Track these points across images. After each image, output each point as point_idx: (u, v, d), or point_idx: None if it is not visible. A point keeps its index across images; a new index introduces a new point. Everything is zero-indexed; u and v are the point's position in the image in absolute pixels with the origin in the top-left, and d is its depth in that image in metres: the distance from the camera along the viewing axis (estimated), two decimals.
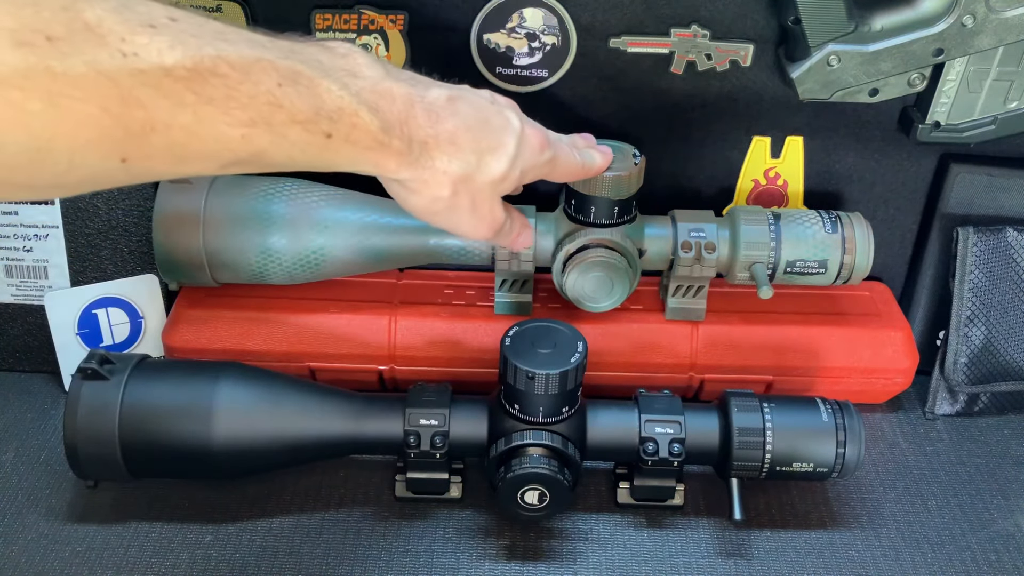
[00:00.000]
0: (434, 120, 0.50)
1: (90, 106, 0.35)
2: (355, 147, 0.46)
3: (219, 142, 0.40)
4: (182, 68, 0.37)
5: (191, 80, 0.38)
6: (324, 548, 0.66)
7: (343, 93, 0.45)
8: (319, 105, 0.43)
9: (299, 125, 0.43)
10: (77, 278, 0.76)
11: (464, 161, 0.51)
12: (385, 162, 0.48)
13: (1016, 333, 0.77)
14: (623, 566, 0.65)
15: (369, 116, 0.46)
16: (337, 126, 0.44)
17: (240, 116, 0.40)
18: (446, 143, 0.51)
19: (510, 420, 0.64)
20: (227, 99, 0.39)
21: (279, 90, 0.41)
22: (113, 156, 0.37)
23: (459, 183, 0.52)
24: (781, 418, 0.66)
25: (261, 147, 0.42)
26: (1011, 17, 0.67)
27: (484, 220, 0.56)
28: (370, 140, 0.46)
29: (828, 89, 0.71)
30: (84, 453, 0.63)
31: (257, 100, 0.40)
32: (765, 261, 0.72)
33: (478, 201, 0.54)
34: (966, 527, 0.70)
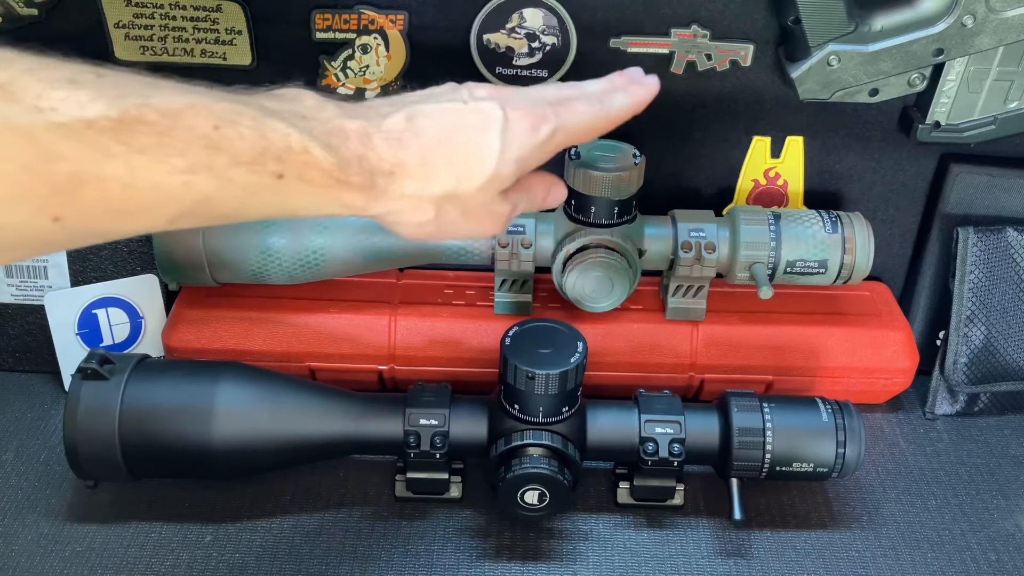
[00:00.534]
0: (395, 147, 0.47)
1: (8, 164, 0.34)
2: (312, 186, 0.44)
3: (159, 191, 0.38)
4: (106, 119, 0.36)
5: (117, 131, 0.36)
6: (324, 548, 0.66)
7: (291, 131, 0.42)
8: (265, 145, 0.41)
9: (243, 167, 0.40)
10: (77, 278, 0.76)
11: (439, 180, 0.48)
12: (349, 200, 0.46)
13: (1016, 333, 0.77)
14: (623, 566, 0.65)
15: (322, 153, 0.43)
16: (287, 166, 0.42)
17: (177, 163, 0.38)
18: (415, 167, 0.48)
19: (510, 420, 0.64)
20: (160, 147, 0.37)
21: (216, 133, 0.39)
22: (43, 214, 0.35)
23: (442, 202, 0.49)
24: (781, 418, 0.66)
25: (206, 193, 0.40)
26: (1011, 17, 0.67)
27: (485, 223, 0.52)
28: (326, 178, 0.44)
29: (828, 89, 0.71)
30: (84, 453, 0.63)
31: (193, 145, 0.38)
32: (765, 261, 0.72)
33: (469, 209, 0.51)
34: (966, 527, 0.70)
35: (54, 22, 0.70)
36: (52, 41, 0.71)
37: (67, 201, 0.36)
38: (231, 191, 0.40)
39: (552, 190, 0.58)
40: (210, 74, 0.73)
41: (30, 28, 0.70)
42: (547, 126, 0.51)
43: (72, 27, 0.70)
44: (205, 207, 0.40)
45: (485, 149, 0.50)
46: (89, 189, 0.36)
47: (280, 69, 0.73)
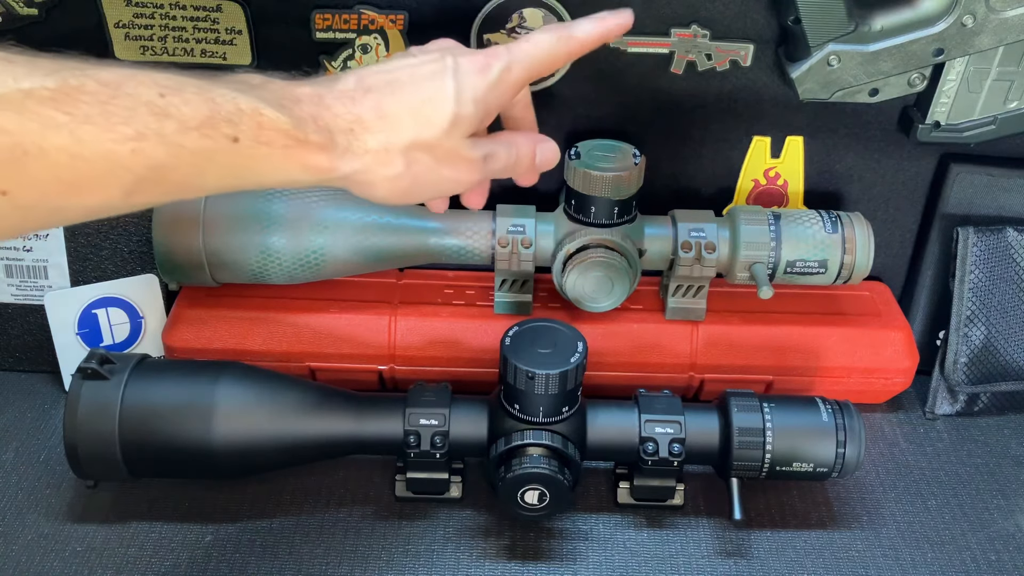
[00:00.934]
0: (349, 104, 0.48)
1: None
2: (271, 148, 0.43)
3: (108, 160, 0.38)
4: (44, 89, 0.36)
5: (58, 100, 0.36)
6: (324, 548, 0.66)
7: (237, 95, 0.42)
8: (213, 108, 0.41)
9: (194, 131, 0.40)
10: (77, 278, 0.76)
11: (400, 129, 0.48)
12: (313, 161, 0.45)
13: (1016, 333, 0.77)
14: (623, 566, 0.65)
15: (274, 113, 0.43)
16: (240, 128, 0.42)
17: (124, 131, 0.38)
18: (373, 120, 0.48)
19: (510, 420, 0.64)
20: (104, 115, 0.37)
21: (162, 100, 0.39)
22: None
23: (409, 151, 0.49)
24: (781, 418, 0.66)
25: (158, 160, 0.39)
26: (1011, 17, 0.67)
27: (459, 169, 0.52)
28: (284, 138, 0.44)
29: (828, 89, 0.71)
30: (84, 453, 0.63)
31: (138, 112, 0.38)
32: (765, 261, 0.72)
33: (440, 156, 0.50)
34: (966, 527, 0.70)
35: (54, 22, 0.70)
36: (52, 41, 0.71)
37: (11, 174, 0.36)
38: (184, 157, 0.40)
39: (540, 147, 0.58)
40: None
41: (30, 28, 0.70)
42: (498, 63, 0.52)
43: (72, 27, 0.70)
44: (158, 175, 0.40)
45: (440, 92, 0.50)
46: (33, 161, 0.36)
47: (280, 69, 0.73)
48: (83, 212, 0.40)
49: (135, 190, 0.40)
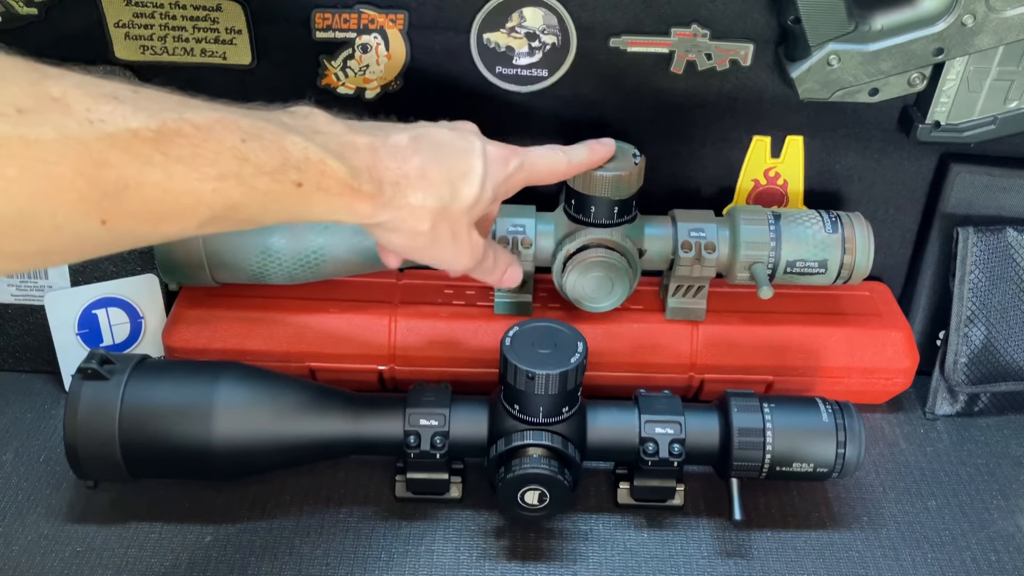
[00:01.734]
0: (400, 160, 0.52)
1: (64, 168, 0.37)
2: (327, 194, 0.48)
3: (192, 197, 0.42)
4: (147, 130, 0.40)
5: (157, 141, 0.40)
6: (324, 548, 0.66)
7: (308, 144, 0.46)
8: (285, 157, 0.45)
9: (267, 176, 0.44)
10: (77, 278, 0.76)
11: (437, 193, 0.53)
12: (359, 207, 0.50)
13: (1016, 333, 0.77)
14: (623, 566, 0.65)
15: (336, 163, 0.48)
16: (306, 175, 0.46)
17: (209, 171, 0.42)
18: (417, 179, 0.52)
19: (510, 420, 0.64)
20: (194, 156, 0.41)
21: (243, 145, 0.43)
22: (93, 217, 0.39)
23: (436, 216, 0.53)
24: (781, 418, 0.66)
25: (234, 200, 0.43)
26: (1011, 17, 0.67)
27: (464, 250, 0.57)
28: (340, 186, 0.48)
29: (828, 89, 0.71)
30: (84, 453, 0.63)
31: (223, 156, 0.42)
32: (765, 261, 0.72)
33: (457, 230, 0.55)
34: (966, 527, 0.70)
35: (54, 22, 0.70)
36: (52, 41, 0.71)
37: (113, 205, 0.39)
38: (255, 197, 0.44)
39: (512, 269, 0.63)
40: (210, 73, 0.73)
41: (30, 27, 0.70)
42: (516, 159, 0.58)
43: (72, 26, 0.70)
44: (232, 212, 0.44)
45: (472, 172, 0.55)
46: (132, 194, 0.40)
47: (280, 69, 0.73)
48: (160, 239, 0.44)
49: (208, 223, 0.44)
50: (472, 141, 0.56)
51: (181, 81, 0.72)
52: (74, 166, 0.37)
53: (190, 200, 0.42)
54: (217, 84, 0.73)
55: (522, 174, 0.59)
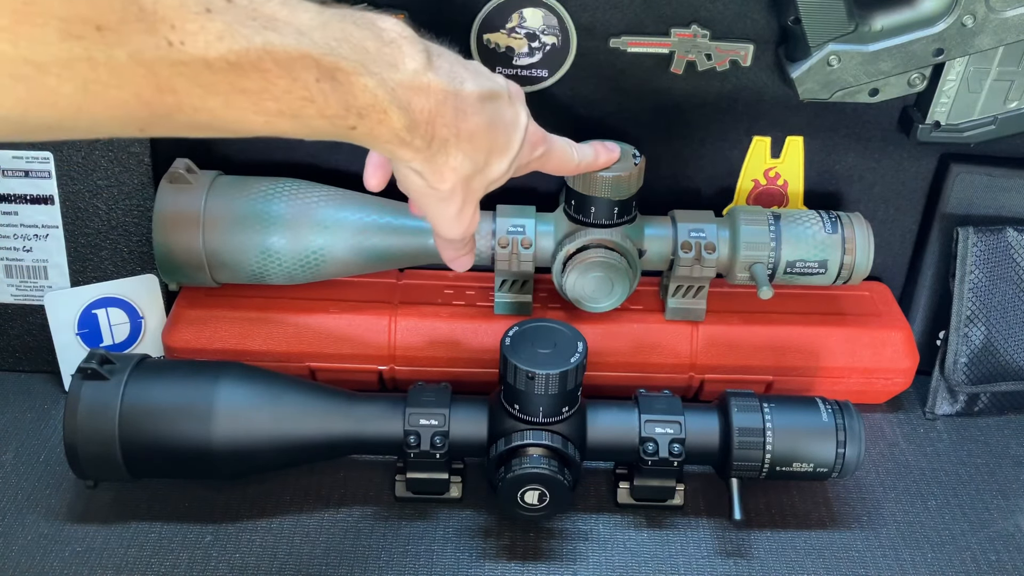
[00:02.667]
0: (460, 118, 0.50)
1: (124, 92, 0.35)
2: (376, 140, 0.46)
3: (241, 125, 0.40)
4: (224, 61, 0.37)
5: (230, 72, 0.38)
6: (324, 548, 0.66)
7: (378, 91, 0.44)
8: (350, 103, 0.43)
9: (326, 119, 0.43)
10: (77, 278, 0.76)
11: (474, 160, 0.51)
12: (401, 153, 0.48)
13: (1016, 333, 0.77)
14: (623, 566, 0.65)
15: (398, 115, 0.45)
16: (363, 121, 0.44)
17: (270, 107, 0.40)
18: (464, 140, 0.50)
19: (510, 420, 0.64)
20: (261, 91, 0.39)
21: (315, 86, 0.41)
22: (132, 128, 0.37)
23: (461, 180, 0.52)
24: (781, 418, 0.66)
25: (282, 130, 0.42)
26: (1011, 17, 0.67)
27: (464, 221, 0.55)
28: (391, 136, 0.46)
29: (828, 89, 0.71)
30: (84, 453, 0.63)
31: (290, 95, 0.40)
32: (765, 261, 0.72)
33: (467, 200, 0.53)
34: (966, 527, 0.70)
35: None
36: None
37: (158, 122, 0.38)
38: (303, 132, 0.43)
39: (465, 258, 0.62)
40: None
41: None
42: (542, 147, 0.58)
43: None
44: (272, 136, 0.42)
45: (508, 149, 0.53)
46: (183, 116, 0.38)
47: None
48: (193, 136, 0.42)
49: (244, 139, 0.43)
50: (520, 116, 0.54)
51: None
52: (135, 91, 0.35)
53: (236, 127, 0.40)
54: None
55: (539, 162, 0.58)
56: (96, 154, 0.73)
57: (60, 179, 0.74)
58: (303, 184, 0.73)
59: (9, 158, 0.73)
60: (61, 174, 0.74)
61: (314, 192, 0.72)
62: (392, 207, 0.73)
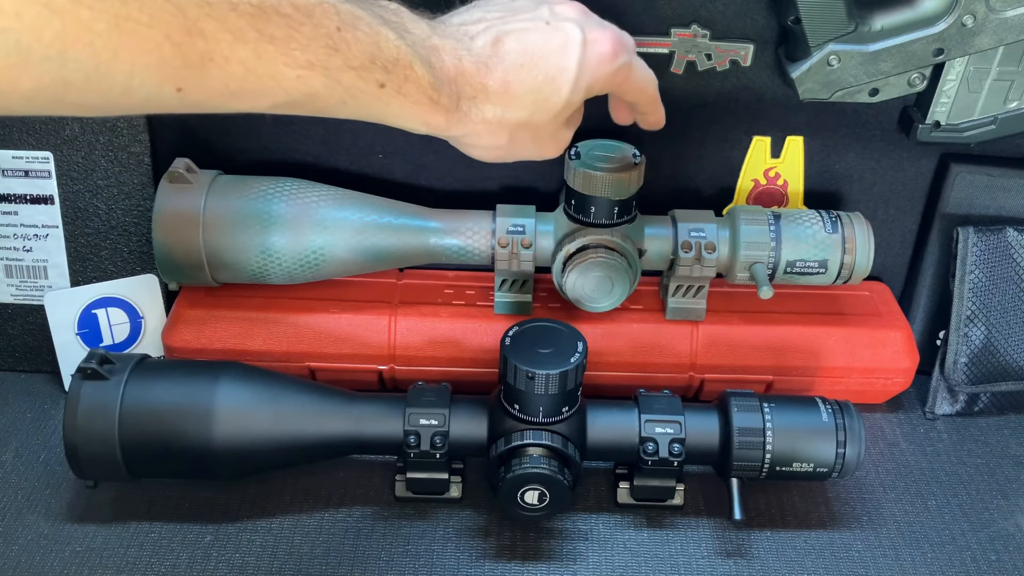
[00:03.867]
0: (483, 72, 0.49)
1: (154, 32, 0.35)
2: (405, 100, 0.46)
3: (275, 80, 0.40)
4: (247, 4, 0.38)
5: (255, 17, 0.38)
6: (324, 548, 0.66)
7: (400, 44, 0.45)
8: (375, 53, 0.44)
9: (354, 71, 0.43)
10: (77, 278, 0.76)
11: (520, 106, 0.51)
12: (434, 120, 0.48)
13: (1016, 333, 0.77)
14: (623, 566, 0.65)
15: (423, 70, 0.46)
16: (391, 76, 0.45)
17: (299, 56, 0.40)
18: (497, 93, 0.50)
19: (510, 420, 0.64)
20: (287, 39, 0.40)
21: (338, 34, 0.42)
22: (169, 83, 0.37)
23: (516, 128, 0.51)
24: (781, 418, 0.66)
25: (314, 89, 0.42)
26: (1011, 17, 0.67)
27: (548, 147, 0.56)
28: (420, 95, 0.46)
29: (828, 89, 0.71)
30: (84, 453, 0.63)
31: (315, 42, 0.41)
32: (765, 261, 0.72)
33: (540, 135, 0.53)
34: (966, 527, 0.70)
35: None
36: None
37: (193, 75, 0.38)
38: (335, 91, 0.43)
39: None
40: None
41: None
42: (625, 55, 0.54)
43: None
44: (309, 101, 0.43)
45: (563, 74, 0.51)
46: (215, 67, 0.38)
47: None
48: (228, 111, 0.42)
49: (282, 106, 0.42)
50: (571, 33, 0.51)
51: None
52: (165, 31, 0.36)
53: (271, 83, 0.40)
54: None
55: (623, 75, 0.55)
56: (96, 154, 0.73)
57: (60, 179, 0.74)
58: (303, 184, 0.73)
59: (9, 158, 0.73)
60: (61, 174, 0.74)
61: (314, 192, 0.72)
62: (392, 207, 0.73)
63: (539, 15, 0.52)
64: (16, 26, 0.32)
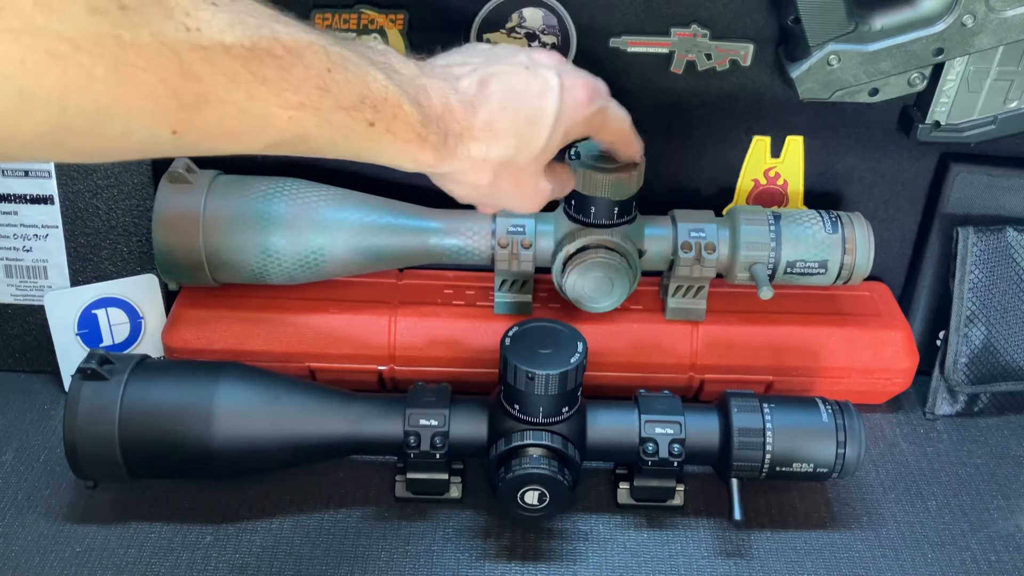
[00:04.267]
0: (469, 111, 0.51)
1: (151, 76, 0.36)
2: (395, 138, 0.47)
3: (267, 121, 0.41)
4: (240, 47, 0.38)
5: (248, 59, 0.39)
6: (324, 548, 0.66)
7: (388, 83, 0.46)
8: (364, 93, 0.45)
9: (344, 111, 0.44)
10: (77, 278, 0.76)
11: (503, 145, 0.52)
12: (422, 156, 0.49)
13: (1016, 333, 0.76)
14: (623, 566, 0.65)
15: (411, 108, 0.47)
16: (380, 115, 0.45)
17: (290, 98, 0.41)
18: (482, 131, 0.51)
19: (510, 420, 0.64)
20: (279, 80, 0.40)
21: (328, 75, 0.42)
22: (165, 126, 0.38)
23: (499, 168, 0.52)
24: (781, 418, 0.66)
25: (306, 130, 0.43)
26: (1011, 17, 0.67)
27: (529, 197, 0.56)
28: (409, 132, 0.47)
29: (828, 89, 0.71)
30: (84, 453, 0.63)
31: (306, 83, 0.41)
32: (765, 261, 0.72)
33: (521, 180, 0.54)
34: (966, 527, 0.70)
35: None
36: None
37: (189, 118, 0.38)
38: (327, 131, 0.44)
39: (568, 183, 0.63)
40: None
41: None
42: (600, 100, 0.56)
43: None
44: (301, 141, 0.43)
45: (542, 118, 0.53)
46: (211, 110, 0.38)
47: None
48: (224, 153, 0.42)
49: (275, 147, 0.43)
50: (549, 80, 0.53)
51: None
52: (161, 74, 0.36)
53: (264, 124, 0.41)
54: None
55: (598, 120, 0.57)
56: None
57: (60, 179, 0.74)
58: (303, 184, 0.73)
59: None
60: (61, 174, 0.74)
61: (314, 192, 0.72)
62: (392, 207, 0.73)
63: (519, 61, 0.54)
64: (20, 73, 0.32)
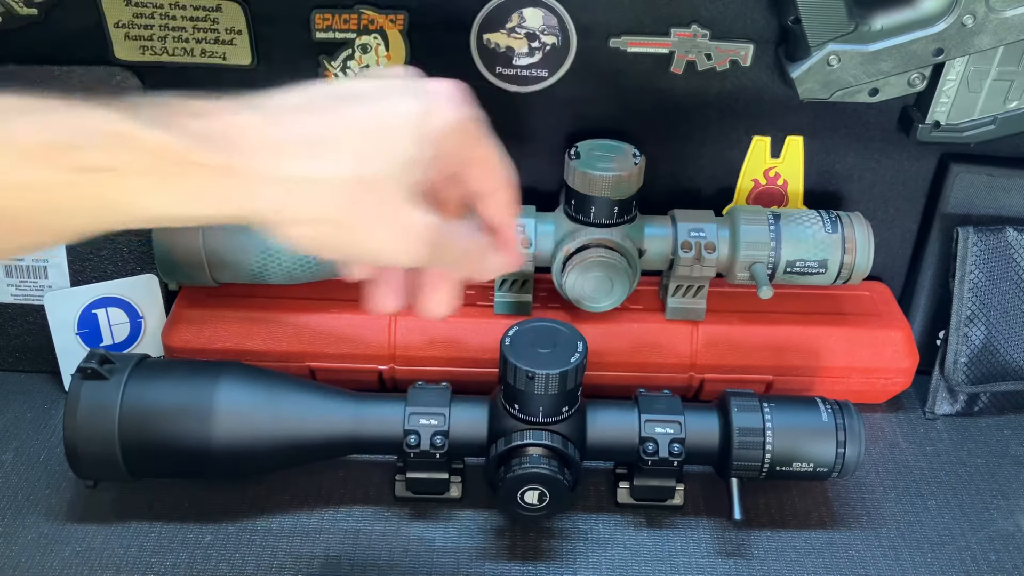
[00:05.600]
0: (285, 124, 0.38)
1: None
2: (156, 178, 0.35)
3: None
4: None
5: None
6: (324, 548, 0.66)
7: (110, 114, 0.35)
8: (72, 133, 0.34)
9: (31, 160, 0.33)
10: (77, 278, 0.76)
11: (338, 159, 0.38)
12: (222, 187, 0.37)
13: (1016, 333, 0.76)
14: (623, 566, 0.65)
15: (158, 132, 0.35)
16: (100, 153, 0.34)
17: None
18: (307, 145, 0.38)
19: (510, 420, 0.64)
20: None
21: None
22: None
23: (343, 191, 0.38)
24: (781, 418, 0.66)
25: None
26: (1011, 17, 0.67)
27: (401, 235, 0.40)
28: (174, 163, 0.35)
29: (828, 89, 0.71)
30: (84, 453, 0.63)
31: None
32: (765, 261, 0.72)
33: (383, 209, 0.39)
34: (966, 527, 0.70)
35: (54, 22, 0.70)
36: (52, 41, 0.71)
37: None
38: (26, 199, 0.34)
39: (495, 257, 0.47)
40: (210, 74, 0.73)
41: (30, 28, 0.70)
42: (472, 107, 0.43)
43: (72, 27, 0.70)
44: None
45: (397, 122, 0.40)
46: None
47: (280, 69, 0.73)
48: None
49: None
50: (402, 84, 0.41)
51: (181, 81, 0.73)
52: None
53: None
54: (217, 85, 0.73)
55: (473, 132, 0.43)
56: None
57: None
58: None
59: None
60: None
61: None
62: None
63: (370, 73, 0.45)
64: None
